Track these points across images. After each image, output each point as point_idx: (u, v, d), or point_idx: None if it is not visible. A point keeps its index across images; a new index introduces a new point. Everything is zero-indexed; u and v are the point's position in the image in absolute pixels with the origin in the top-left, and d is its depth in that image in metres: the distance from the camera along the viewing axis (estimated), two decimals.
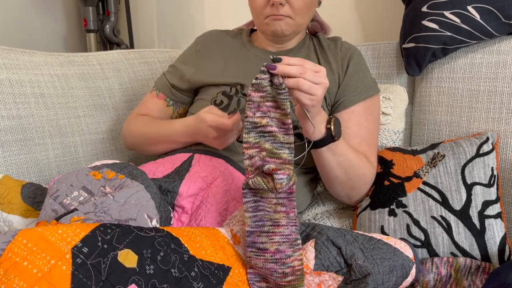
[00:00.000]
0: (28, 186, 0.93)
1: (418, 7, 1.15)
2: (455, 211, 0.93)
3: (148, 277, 0.59)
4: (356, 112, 1.04)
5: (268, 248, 0.75)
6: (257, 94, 0.76)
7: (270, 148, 0.76)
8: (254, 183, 0.75)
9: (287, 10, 1.01)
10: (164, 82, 1.18)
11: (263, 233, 0.76)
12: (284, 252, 0.74)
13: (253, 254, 0.76)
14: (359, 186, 1.02)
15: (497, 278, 0.76)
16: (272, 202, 0.78)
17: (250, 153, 0.76)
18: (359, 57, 1.11)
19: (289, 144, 0.77)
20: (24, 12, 2.09)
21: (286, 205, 0.77)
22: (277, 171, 0.72)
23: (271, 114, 0.77)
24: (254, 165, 0.75)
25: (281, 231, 0.76)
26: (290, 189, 0.77)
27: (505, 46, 1.10)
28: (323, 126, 0.88)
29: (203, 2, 2.01)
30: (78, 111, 1.27)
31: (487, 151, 1.00)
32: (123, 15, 2.23)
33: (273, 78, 0.75)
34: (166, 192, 0.89)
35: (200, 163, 0.96)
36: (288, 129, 0.76)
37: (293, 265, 0.74)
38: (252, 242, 0.76)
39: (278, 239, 0.75)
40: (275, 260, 0.74)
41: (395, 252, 0.83)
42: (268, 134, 0.76)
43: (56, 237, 0.57)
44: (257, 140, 0.77)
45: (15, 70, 1.15)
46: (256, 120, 0.76)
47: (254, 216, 0.77)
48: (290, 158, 0.76)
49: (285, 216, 0.77)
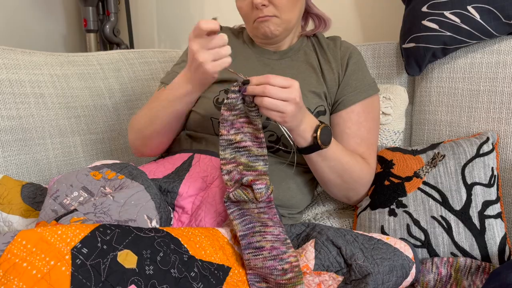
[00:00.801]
0: (28, 186, 0.93)
1: (418, 7, 1.15)
2: (455, 211, 0.93)
3: (147, 278, 0.59)
4: (355, 111, 1.04)
5: (264, 245, 0.77)
6: (229, 113, 0.82)
7: (246, 161, 0.82)
8: (235, 196, 0.80)
9: (271, 10, 1.00)
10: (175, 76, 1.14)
11: (256, 233, 0.79)
12: (279, 248, 0.77)
13: (251, 255, 0.77)
14: (356, 188, 1.02)
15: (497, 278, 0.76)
16: (254, 212, 0.82)
17: (227, 168, 0.82)
18: (359, 57, 1.11)
19: (263, 156, 0.83)
20: (24, 12, 2.09)
21: (267, 213, 0.82)
22: (255, 181, 0.78)
23: (244, 130, 0.83)
24: (233, 179, 0.81)
25: (271, 231, 0.80)
26: (268, 198, 0.82)
27: (505, 46, 1.10)
28: (309, 134, 0.89)
29: (203, 2, 2.01)
30: (78, 111, 1.27)
31: (487, 151, 1.00)
32: (123, 15, 2.23)
33: (245, 97, 0.81)
34: (166, 192, 0.89)
35: (200, 163, 0.96)
36: (261, 142, 0.83)
37: (290, 260, 0.75)
38: (248, 243, 0.78)
39: (271, 238, 0.79)
40: (273, 257, 0.76)
41: (395, 252, 0.83)
42: (243, 149, 0.82)
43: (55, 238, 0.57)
44: (233, 156, 0.82)
45: (15, 70, 1.15)
46: (230, 138, 0.82)
47: (242, 221, 0.81)
48: (265, 169, 0.83)
49: (269, 220, 0.81)
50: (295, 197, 1.03)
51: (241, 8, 1.04)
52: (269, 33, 1.04)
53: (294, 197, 1.03)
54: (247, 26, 1.09)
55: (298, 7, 1.06)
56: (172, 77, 1.13)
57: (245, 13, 1.04)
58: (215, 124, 1.04)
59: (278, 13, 1.01)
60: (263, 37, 1.07)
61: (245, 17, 1.06)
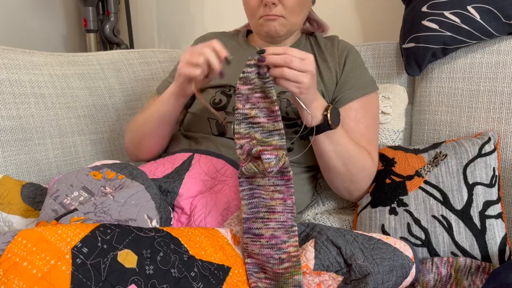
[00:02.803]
0: (28, 186, 0.93)
1: (418, 7, 1.15)
2: (456, 210, 0.93)
3: (147, 277, 0.59)
4: (353, 109, 1.04)
5: (263, 233, 0.77)
6: (245, 87, 0.80)
7: (260, 138, 0.80)
8: (246, 169, 0.78)
9: (280, 10, 1.01)
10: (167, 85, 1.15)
11: (258, 219, 0.78)
12: (279, 237, 0.76)
13: (249, 240, 0.77)
14: (359, 179, 1.01)
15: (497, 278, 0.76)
16: (269, 189, 0.80)
17: (241, 143, 0.80)
18: (356, 55, 1.11)
19: (278, 130, 0.80)
20: (24, 12, 2.09)
21: (283, 191, 0.79)
22: (264, 151, 0.76)
23: (260, 105, 0.81)
24: (244, 152, 0.79)
25: (276, 217, 0.78)
26: (286, 176, 0.79)
27: (505, 46, 1.10)
28: (319, 112, 0.89)
29: (203, 2, 2.01)
30: (78, 111, 1.27)
31: (489, 151, 1.00)
32: (123, 15, 2.23)
33: (259, 69, 0.80)
34: (166, 192, 0.89)
35: (200, 163, 0.96)
36: (277, 115, 0.80)
37: (289, 250, 0.75)
38: (248, 228, 0.78)
39: (273, 225, 0.78)
40: (270, 246, 0.76)
41: (395, 252, 0.83)
42: (256, 125, 0.81)
43: (55, 237, 0.57)
44: (248, 131, 0.81)
45: (15, 70, 1.15)
46: (246, 112, 0.80)
47: (249, 203, 0.80)
48: (281, 144, 0.80)
49: (282, 203, 0.79)
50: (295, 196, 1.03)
51: (248, 2, 1.04)
52: (274, 32, 1.04)
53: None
54: (251, 21, 1.09)
55: (304, 11, 1.07)
56: (165, 86, 1.16)
57: (252, 8, 1.04)
58: (212, 124, 1.05)
59: (286, 14, 1.02)
60: (267, 36, 1.07)
61: (251, 12, 1.05)
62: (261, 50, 0.80)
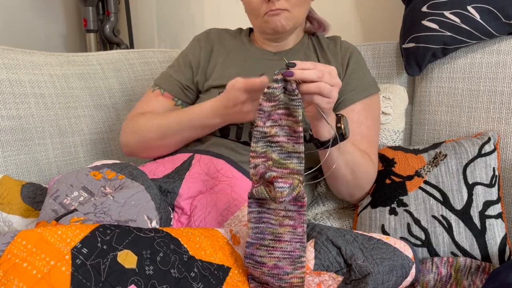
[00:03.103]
0: (27, 186, 0.93)
1: (418, 7, 1.15)
2: (456, 210, 0.93)
3: (147, 278, 0.59)
4: (355, 110, 1.04)
5: (266, 262, 0.72)
6: (269, 104, 0.72)
7: (277, 158, 0.73)
8: (257, 192, 0.72)
9: (283, 4, 1.00)
10: (171, 80, 1.14)
11: (262, 247, 0.73)
12: (282, 268, 0.71)
13: (250, 266, 0.73)
14: (363, 184, 1.02)
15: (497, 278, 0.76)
16: (279, 214, 0.74)
17: (256, 162, 0.73)
18: (359, 56, 1.11)
19: (298, 153, 0.73)
20: (24, 12, 2.09)
21: (295, 218, 0.73)
22: (278, 179, 0.69)
23: (282, 122, 0.74)
24: (258, 173, 0.72)
25: (283, 246, 0.73)
26: (299, 202, 0.73)
27: (505, 46, 1.10)
28: (333, 125, 0.87)
29: (203, 2, 2.01)
30: (78, 111, 1.27)
31: (489, 151, 1.00)
32: (123, 15, 2.23)
33: (286, 84, 0.72)
34: (166, 192, 0.89)
35: (200, 162, 0.96)
36: (299, 137, 0.73)
37: (291, 282, 0.71)
38: (251, 254, 0.73)
39: (278, 255, 0.72)
40: (272, 275, 0.71)
41: (395, 252, 0.83)
42: (275, 144, 0.74)
43: (55, 238, 0.57)
44: (264, 150, 0.74)
45: (15, 70, 1.15)
46: (266, 130, 0.73)
47: (256, 227, 0.74)
48: (299, 168, 0.73)
49: (291, 230, 0.73)
50: None
51: (250, 2, 1.03)
52: (280, 27, 1.03)
53: None
54: (255, 21, 1.08)
55: (306, 5, 1.06)
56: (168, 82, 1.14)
57: (254, 6, 1.03)
58: None
59: (290, 7, 1.01)
60: (273, 32, 1.06)
61: (254, 11, 1.04)
62: (290, 63, 0.73)
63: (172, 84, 1.13)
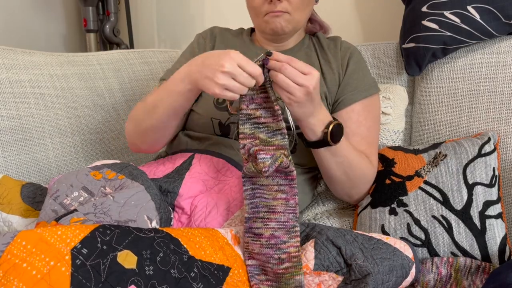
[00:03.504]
0: (27, 186, 0.93)
1: (418, 7, 1.15)
2: (456, 210, 0.93)
3: (147, 278, 0.59)
4: (355, 111, 1.04)
5: (263, 233, 0.77)
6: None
7: (264, 137, 0.80)
8: (247, 169, 0.78)
9: (285, 6, 1.00)
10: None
11: (258, 219, 0.79)
12: (279, 237, 0.77)
13: (250, 239, 0.78)
14: (359, 185, 1.02)
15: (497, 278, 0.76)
16: (272, 189, 0.80)
17: (244, 142, 0.80)
18: (359, 56, 1.11)
19: (280, 130, 0.80)
20: (24, 12, 2.09)
21: (287, 191, 0.79)
22: (260, 151, 0.75)
23: (266, 105, 0.81)
24: (246, 152, 0.79)
25: (277, 217, 0.78)
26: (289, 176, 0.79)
27: (505, 46, 1.10)
28: (319, 129, 0.88)
29: (203, 2, 2.01)
30: (78, 111, 1.27)
31: (489, 151, 1.00)
32: (123, 15, 2.23)
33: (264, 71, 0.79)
34: (166, 192, 0.89)
35: (200, 162, 0.96)
36: (278, 115, 0.79)
37: (289, 251, 0.76)
38: (249, 227, 0.79)
39: (273, 225, 0.78)
40: (270, 245, 0.76)
41: (395, 252, 0.83)
42: (262, 125, 0.80)
43: (55, 239, 0.57)
44: (252, 131, 0.80)
45: (15, 70, 1.15)
46: (249, 112, 0.80)
47: (251, 203, 0.80)
48: (283, 143, 0.79)
49: (284, 203, 0.79)
50: None
51: (253, 0, 1.03)
52: (280, 29, 1.03)
53: None
54: (256, 20, 1.08)
55: (308, 9, 1.06)
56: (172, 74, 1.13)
57: (256, 5, 1.03)
58: (215, 124, 1.04)
59: (291, 10, 1.01)
60: (272, 33, 1.06)
61: (255, 10, 1.04)
62: (268, 52, 0.79)
63: None
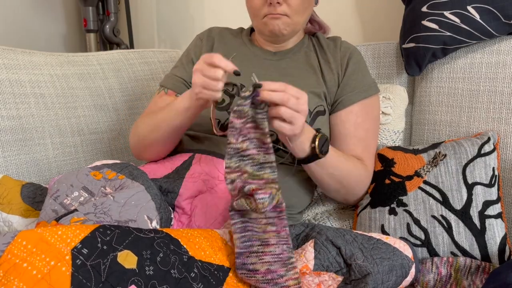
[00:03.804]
0: (27, 186, 0.93)
1: (418, 7, 1.15)
2: (456, 210, 0.93)
3: (147, 278, 0.59)
4: (354, 111, 1.04)
5: (259, 268, 0.72)
6: (239, 121, 0.76)
7: (251, 171, 0.77)
8: (238, 205, 0.75)
9: (284, 9, 1.00)
10: (174, 79, 1.13)
11: (252, 254, 0.74)
12: (275, 272, 0.72)
13: (244, 276, 0.73)
14: (354, 191, 1.03)
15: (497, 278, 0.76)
16: (261, 222, 0.77)
17: (231, 177, 0.76)
18: (359, 57, 1.11)
19: (270, 163, 0.77)
20: (24, 12, 2.09)
21: (276, 224, 0.77)
22: (258, 190, 0.72)
23: (251, 136, 0.77)
24: (236, 188, 0.75)
25: (272, 250, 0.74)
26: (278, 208, 0.77)
27: (505, 46, 1.10)
28: (307, 146, 0.88)
29: (203, 2, 2.01)
30: (78, 111, 1.27)
31: (489, 151, 1.00)
32: (123, 15, 2.23)
33: (254, 99, 0.76)
34: (166, 192, 0.89)
35: (200, 162, 0.96)
36: (268, 148, 0.77)
37: (287, 284, 0.72)
38: (242, 263, 0.73)
39: (269, 259, 0.74)
40: (267, 281, 0.72)
41: (395, 252, 0.83)
42: (247, 157, 0.77)
43: (55, 239, 0.57)
44: (238, 164, 0.77)
45: (15, 70, 1.15)
46: (238, 146, 0.77)
47: (242, 236, 0.76)
48: (273, 177, 0.77)
49: (275, 235, 0.76)
50: (295, 196, 1.03)
51: (252, 1, 1.03)
52: (278, 31, 1.03)
53: (294, 197, 1.03)
54: (255, 21, 1.08)
55: (307, 12, 1.06)
56: (171, 80, 1.14)
57: (255, 6, 1.03)
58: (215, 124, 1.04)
59: (290, 13, 1.01)
60: (270, 35, 1.06)
61: (254, 11, 1.04)
62: (257, 84, 0.75)
63: (175, 82, 1.12)
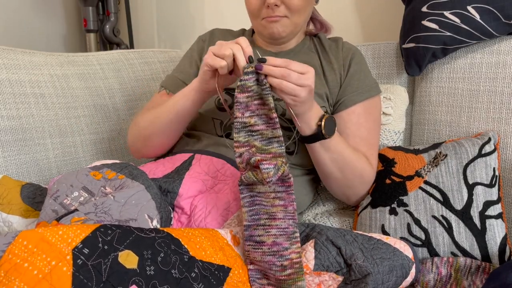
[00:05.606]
0: (27, 187, 0.93)
1: (418, 7, 1.15)
2: (456, 211, 0.93)
3: (148, 278, 0.59)
4: (356, 112, 1.04)
5: (265, 240, 0.77)
6: (243, 95, 0.79)
7: (259, 145, 0.79)
8: (246, 178, 0.78)
9: (283, 11, 1.00)
10: (177, 82, 1.13)
11: (259, 226, 0.78)
12: (281, 244, 0.76)
13: (250, 248, 0.77)
14: (356, 185, 1.02)
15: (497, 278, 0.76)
16: (270, 196, 0.79)
17: (240, 151, 0.79)
18: (361, 58, 1.11)
19: (277, 138, 0.80)
20: (24, 12, 2.09)
21: (284, 198, 0.79)
22: (263, 161, 0.75)
23: (259, 112, 0.80)
24: (244, 161, 0.78)
25: (278, 224, 0.78)
26: (286, 182, 0.79)
27: (505, 46, 1.10)
28: (314, 122, 0.89)
29: (203, 2, 2.01)
30: (78, 111, 1.27)
31: (489, 151, 1.00)
32: (123, 15, 2.23)
33: (259, 76, 0.79)
34: (166, 192, 0.89)
35: (200, 162, 0.96)
36: (275, 123, 0.79)
37: (291, 257, 0.75)
38: (250, 235, 0.78)
39: (275, 232, 0.77)
40: (272, 253, 0.75)
41: (395, 252, 0.84)
42: (256, 133, 0.80)
43: (56, 238, 0.57)
44: (247, 139, 0.80)
45: (15, 70, 1.15)
46: (245, 120, 0.80)
47: (250, 210, 0.79)
48: (280, 151, 0.79)
49: (283, 209, 0.79)
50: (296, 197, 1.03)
51: (250, 3, 1.03)
52: (277, 34, 1.03)
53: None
54: (254, 22, 1.08)
55: (307, 11, 1.06)
56: (172, 81, 1.14)
57: (254, 9, 1.03)
58: (216, 124, 1.04)
59: (289, 14, 1.01)
60: (269, 37, 1.06)
61: (253, 13, 1.04)
62: (261, 58, 0.79)
63: (178, 84, 1.12)
